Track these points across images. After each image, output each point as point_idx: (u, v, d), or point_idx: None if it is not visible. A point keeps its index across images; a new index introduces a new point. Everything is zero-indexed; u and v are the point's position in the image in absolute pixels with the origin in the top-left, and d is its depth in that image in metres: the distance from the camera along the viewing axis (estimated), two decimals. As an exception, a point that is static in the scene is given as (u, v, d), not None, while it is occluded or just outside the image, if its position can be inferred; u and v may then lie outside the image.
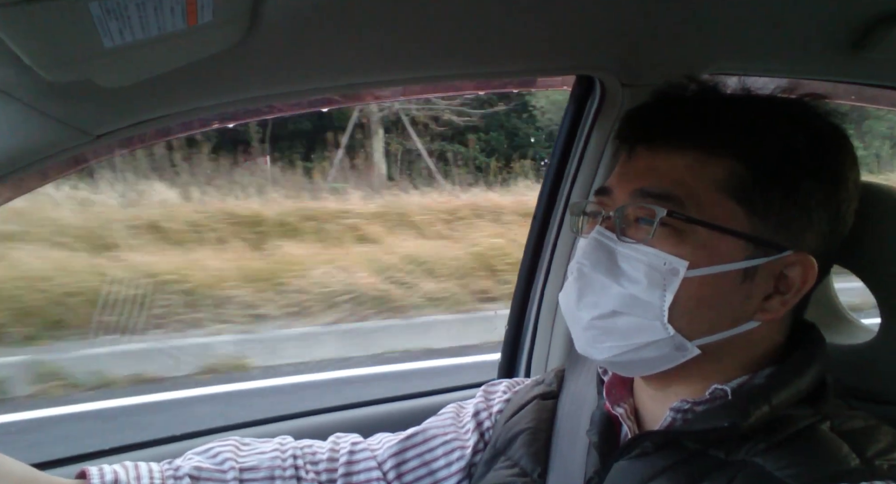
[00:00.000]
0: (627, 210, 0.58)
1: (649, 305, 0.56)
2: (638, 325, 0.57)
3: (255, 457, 0.75)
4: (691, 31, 0.90)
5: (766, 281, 0.57)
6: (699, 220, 0.55)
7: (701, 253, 0.55)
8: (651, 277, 0.56)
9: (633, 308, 0.57)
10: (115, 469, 0.71)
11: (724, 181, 0.56)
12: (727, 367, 0.60)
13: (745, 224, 0.56)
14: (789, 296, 0.58)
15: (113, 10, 0.45)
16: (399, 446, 0.79)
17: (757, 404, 0.55)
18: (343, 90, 0.85)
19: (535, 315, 1.23)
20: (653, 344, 0.57)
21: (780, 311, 0.58)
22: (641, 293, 0.56)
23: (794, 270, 0.57)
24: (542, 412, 0.76)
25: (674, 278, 0.55)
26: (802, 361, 0.59)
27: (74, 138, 0.70)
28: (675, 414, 0.60)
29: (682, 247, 0.55)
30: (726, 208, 0.56)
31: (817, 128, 0.59)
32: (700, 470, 0.55)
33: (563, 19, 0.81)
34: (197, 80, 0.70)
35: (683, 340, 0.57)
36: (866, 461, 0.50)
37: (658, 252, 0.56)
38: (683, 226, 0.56)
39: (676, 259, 0.55)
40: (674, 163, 0.58)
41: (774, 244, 0.56)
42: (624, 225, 0.59)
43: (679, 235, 0.56)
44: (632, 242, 0.57)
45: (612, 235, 0.59)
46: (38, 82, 0.53)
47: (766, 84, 1.11)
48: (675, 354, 0.58)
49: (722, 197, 0.56)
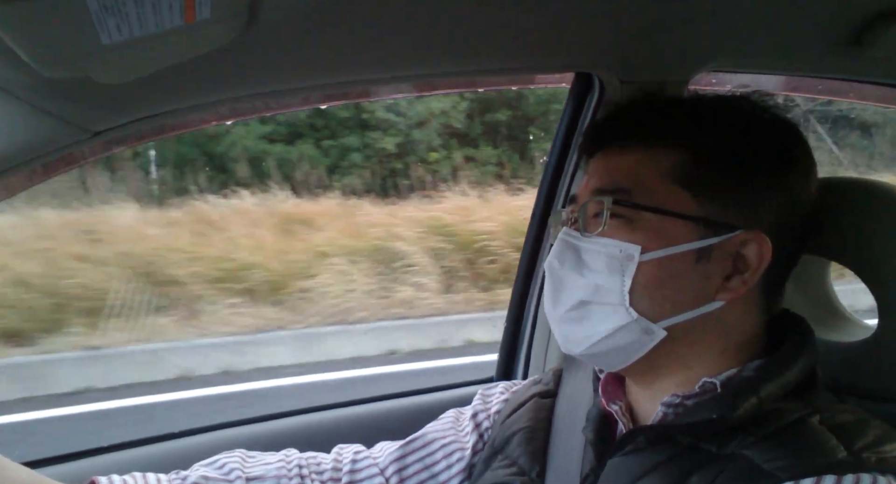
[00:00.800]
0: (587, 208, 0.63)
1: (611, 290, 0.60)
2: (604, 312, 0.60)
3: (261, 467, 0.76)
4: (690, 28, 0.90)
5: (724, 261, 0.60)
6: (645, 205, 0.59)
7: (653, 237, 0.59)
8: (610, 265, 0.60)
9: (598, 295, 0.60)
10: (125, 479, 0.72)
11: (669, 170, 0.60)
12: (708, 355, 0.61)
13: (693, 207, 0.59)
14: (748, 274, 0.60)
15: (111, 7, 0.45)
16: (400, 452, 0.80)
17: (745, 396, 0.56)
18: (341, 87, 0.85)
19: (532, 315, 1.23)
20: (621, 329, 0.60)
21: (741, 289, 0.60)
22: (603, 281, 0.60)
23: (750, 248, 0.59)
24: (539, 411, 0.77)
25: (630, 263, 0.59)
26: (791, 354, 0.60)
27: (72, 135, 0.70)
28: (666, 409, 0.61)
29: (635, 234, 0.59)
30: (674, 194, 0.60)
31: (760, 118, 0.63)
32: (691, 464, 0.56)
33: (561, 17, 0.81)
34: (195, 76, 0.70)
35: (648, 323, 0.59)
36: (854, 454, 0.51)
37: (613, 241, 0.60)
38: (633, 214, 0.60)
39: (630, 245, 0.59)
40: (623, 160, 0.63)
41: (725, 224, 0.59)
42: (585, 222, 0.63)
43: (631, 224, 0.60)
44: (592, 236, 0.62)
45: (576, 234, 0.63)
46: (36, 79, 0.53)
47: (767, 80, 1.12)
48: (643, 338, 0.60)
49: (669, 184, 0.60)
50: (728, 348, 0.61)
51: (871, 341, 0.71)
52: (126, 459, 0.97)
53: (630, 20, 0.85)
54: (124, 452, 1.00)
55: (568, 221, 0.66)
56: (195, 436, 1.05)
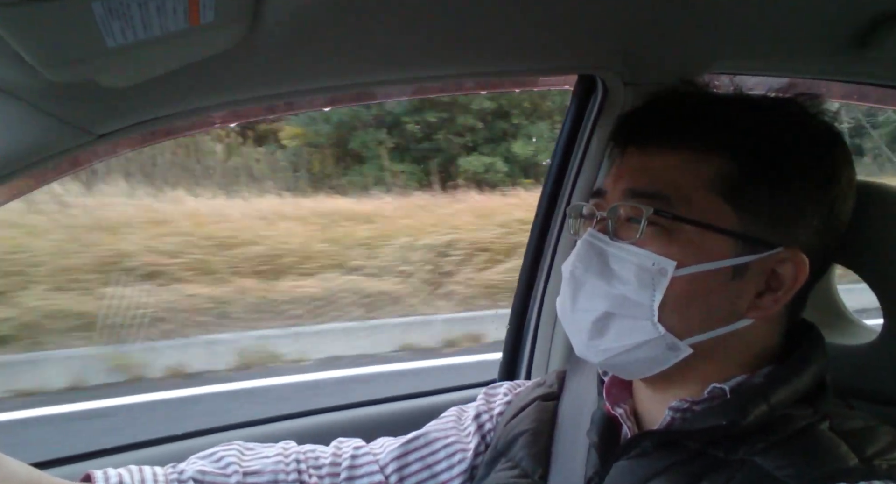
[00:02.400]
0: (619, 210, 0.59)
1: (639, 305, 0.57)
2: (630, 325, 0.57)
3: (258, 461, 0.75)
4: (694, 30, 0.90)
5: (758, 278, 0.57)
6: (686, 218, 0.56)
7: (689, 251, 0.56)
8: (640, 278, 0.56)
9: (625, 308, 0.57)
10: (120, 472, 0.71)
11: (713, 180, 0.57)
12: (724, 366, 0.60)
13: (733, 222, 0.56)
14: (781, 293, 0.58)
15: (115, 10, 0.45)
16: (401, 450, 0.79)
17: (755, 403, 0.55)
18: (344, 90, 0.85)
19: (536, 316, 1.23)
20: (645, 344, 0.57)
21: (773, 308, 0.58)
22: (631, 293, 0.57)
23: (786, 267, 0.57)
24: (543, 413, 0.76)
25: (662, 278, 0.56)
26: (801, 361, 0.59)
27: (77, 138, 0.70)
28: (674, 413, 0.60)
29: (671, 246, 0.56)
30: (715, 206, 0.56)
31: (808, 126, 0.59)
32: (699, 469, 0.55)
33: (565, 19, 0.81)
34: (199, 79, 0.70)
35: (675, 340, 0.57)
36: (865, 461, 0.50)
37: (647, 252, 0.56)
38: (671, 224, 0.56)
39: (664, 259, 0.56)
40: (664, 162, 0.58)
41: (764, 241, 0.56)
42: (616, 225, 0.59)
43: (667, 234, 0.56)
44: (622, 243, 0.58)
45: (604, 237, 0.60)
46: (41, 82, 0.53)
47: (768, 83, 1.12)
48: (668, 353, 0.58)
49: (711, 195, 0.57)
50: (745, 359, 0.60)
51: (876, 344, 0.71)
52: (126, 462, 0.96)
53: (633, 22, 0.85)
54: (124, 454, 0.99)
55: (593, 220, 0.62)
56: (195, 438, 1.05)
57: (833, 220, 0.59)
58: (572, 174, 1.12)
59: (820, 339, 0.62)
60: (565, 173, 1.13)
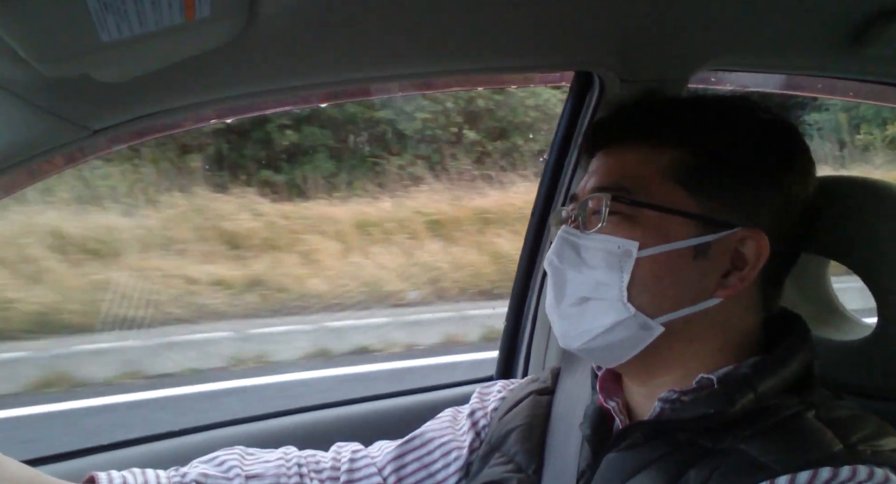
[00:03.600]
0: (587, 206, 0.64)
1: (609, 286, 0.60)
2: (603, 307, 0.61)
3: (260, 465, 0.76)
4: (690, 27, 0.90)
5: (721, 258, 0.60)
6: (644, 202, 0.60)
7: (651, 234, 0.60)
8: (608, 261, 0.61)
9: (597, 292, 0.61)
10: (124, 475, 0.72)
11: (669, 168, 0.61)
12: (705, 352, 0.62)
13: (691, 205, 0.60)
14: (746, 271, 0.61)
15: (110, 5, 0.45)
16: (397, 451, 0.80)
17: (742, 392, 0.56)
18: (340, 86, 0.85)
19: (532, 314, 1.23)
20: (619, 325, 0.60)
21: (739, 286, 0.60)
22: (602, 277, 0.61)
23: (748, 245, 0.60)
24: (537, 408, 0.77)
25: (628, 259, 0.60)
26: (788, 351, 0.60)
27: (72, 133, 0.70)
28: (663, 404, 0.61)
29: (633, 230, 0.60)
30: (673, 192, 0.61)
31: (759, 118, 0.64)
32: (688, 459, 0.56)
33: (561, 15, 0.81)
34: (195, 75, 0.70)
35: (646, 319, 0.60)
36: (849, 447, 0.51)
37: (611, 237, 0.61)
38: (632, 211, 0.61)
39: (627, 241, 0.60)
40: (624, 159, 0.64)
41: (723, 222, 0.60)
42: (584, 220, 0.64)
43: (629, 220, 0.61)
44: (590, 233, 0.63)
45: (575, 231, 0.65)
46: (35, 77, 0.53)
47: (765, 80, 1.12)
48: (641, 333, 0.60)
49: (668, 182, 0.61)
50: (725, 346, 0.62)
51: (870, 340, 0.71)
52: (125, 458, 0.97)
53: (630, 18, 0.85)
54: (124, 450, 1.00)
55: (568, 219, 0.67)
56: (194, 434, 1.05)
57: (791, 203, 0.63)
58: (568, 172, 1.12)
59: (806, 330, 0.64)
60: (561, 170, 1.13)
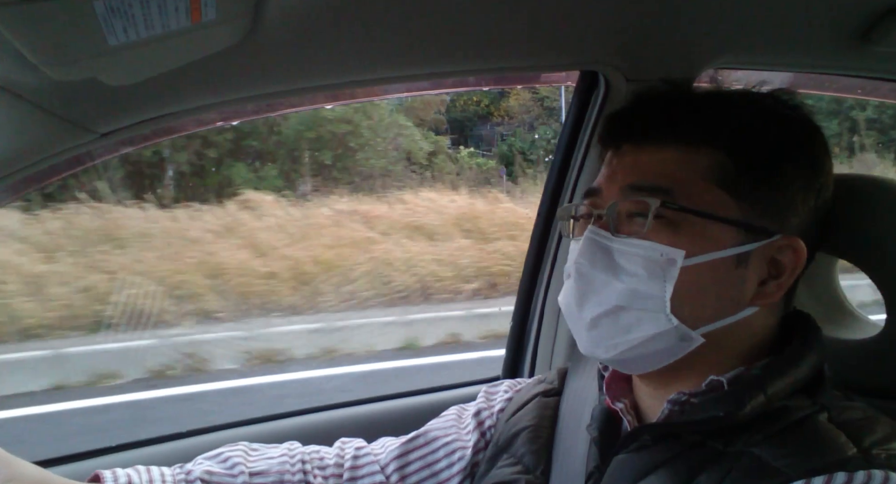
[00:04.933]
0: (619, 206, 0.60)
1: (651, 296, 0.57)
2: (642, 318, 0.58)
3: (264, 461, 0.76)
4: (696, 26, 0.90)
5: (760, 266, 0.59)
6: (692, 209, 0.57)
7: (695, 241, 0.57)
8: (650, 269, 0.57)
9: (636, 301, 0.57)
10: (129, 473, 0.72)
11: (710, 171, 0.58)
12: (726, 357, 0.60)
13: (734, 211, 0.58)
14: (783, 279, 0.59)
15: (117, 9, 0.45)
16: (401, 449, 0.80)
17: (752, 394, 0.55)
18: (346, 87, 0.85)
19: (539, 314, 1.23)
20: (658, 336, 0.57)
21: (777, 295, 0.59)
22: (642, 286, 0.57)
23: (785, 253, 0.59)
24: (544, 410, 0.76)
25: (672, 268, 0.56)
26: (798, 352, 0.59)
27: (80, 136, 0.70)
28: (672, 406, 0.60)
29: (677, 237, 0.57)
30: (715, 197, 0.58)
31: (790, 118, 0.62)
32: (699, 461, 0.55)
33: (567, 15, 0.81)
34: (201, 77, 0.71)
35: (687, 330, 0.57)
36: (863, 451, 0.50)
37: (654, 244, 0.57)
38: (676, 216, 0.57)
39: (672, 249, 0.56)
40: (661, 157, 0.60)
41: (763, 229, 0.58)
42: (617, 222, 0.60)
43: (672, 226, 0.57)
44: (626, 237, 0.59)
45: (606, 234, 0.60)
46: (44, 81, 0.53)
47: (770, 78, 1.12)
48: (679, 344, 0.58)
49: (710, 186, 0.58)
50: (745, 348, 0.61)
51: (879, 339, 0.71)
52: (132, 459, 0.97)
53: (636, 17, 0.85)
54: (131, 451, 1.00)
55: (590, 218, 0.63)
56: (200, 436, 1.05)
57: (819, 207, 0.61)
58: (574, 172, 1.12)
59: (816, 330, 0.63)
60: (568, 169, 1.13)
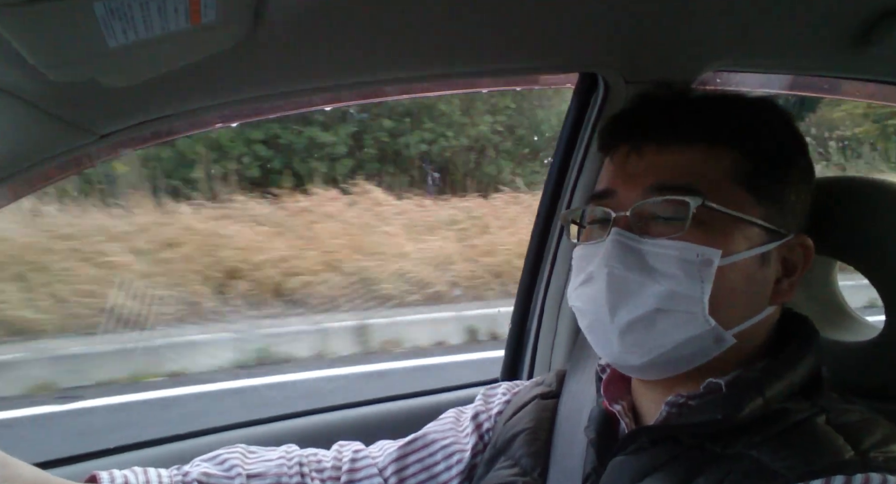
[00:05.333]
0: (644, 207, 0.59)
1: (690, 298, 0.56)
2: (680, 320, 0.57)
3: (262, 464, 0.75)
4: (695, 28, 0.90)
5: (776, 265, 0.60)
6: (724, 210, 0.57)
7: (728, 242, 0.57)
8: (686, 271, 0.56)
9: (675, 303, 0.56)
10: (126, 473, 0.72)
11: (734, 171, 0.59)
12: (728, 359, 0.60)
13: (757, 211, 0.59)
14: (795, 277, 0.61)
15: (117, 11, 0.45)
16: (399, 452, 0.80)
17: (750, 396, 0.55)
18: (346, 89, 0.85)
19: (538, 315, 1.22)
20: (695, 339, 0.57)
21: (790, 293, 0.61)
22: (680, 287, 0.56)
23: (796, 251, 0.61)
24: (542, 412, 0.76)
25: (709, 269, 0.55)
26: (795, 354, 0.59)
27: (80, 138, 0.70)
28: (670, 408, 0.60)
29: (710, 237, 0.56)
30: (740, 197, 0.58)
31: (791, 123, 0.64)
32: (697, 464, 0.55)
33: (566, 17, 0.81)
34: (201, 79, 0.71)
35: (722, 331, 0.57)
36: (861, 453, 0.50)
37: (688, 245, 0.56)
38: (708, 216, 0.56)
39: (709, 249, 0.56)
40: (687, 157, 0.59)
41: (780, 229, 0.60)
42: (641, 223, 0.59)
43: (704, 226, 0.56)
44: (657, 238, 0.57)
45: (632, 235, 0.58)
46: (43, 82, 0.53)
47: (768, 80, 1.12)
48: (712, 346, 0.58)
49: (735, 186, 0.58)
50: (743, 349, 0.60)
51: (877, 341, 0.71)
52: (130, 461, 0.97)
53: (634, 20, 0.85)
54: (128, 453, 1.00)
55: (608, 222, 0.61)
56: (197, 438, 1.05)
57: (812, 204, 0.64)
58: (573, 174, 1.12)
59: (813, 332, 0.63)
60: (566, 171, 1.13)
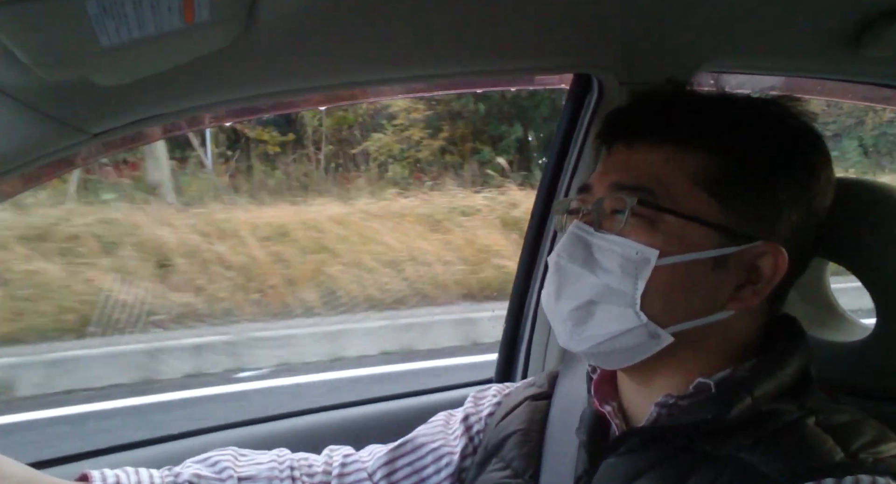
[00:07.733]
0: (604, 203, 0.60)
1: (622, 293, 0.57)
2: (612, 313, 0.58)
3: (253, 467, 0.75)
4: (689, 29, 0.90)
5: (738, 271, 0.58)
6: (669, 208, 0.57)
7: (672, 242, 0.57)
8: (624, 267, 0.57)
9: (608, 297, 0.58)
10: (117, 473, 0.71)
11: (697, 174, 0.58)
12: (708, 358, 0.60)
13: (716, 214, 0.57)
14: (761, 286, 0.59)
15: (110, 9, 0.45)
16: (388, 456, 0.80)
17: (739, 396, 0.55)
18: (340, 88, 0.85)
19: (532, 316, 1.23)
20: (628, 332, 0.58)
21: (753, 300, 0.59)
22: (615, 282, 0.58)
23: (766, 260, 0.58)
24: (533, 413, 0.76)
25: (645, 267, 0.57)
26: (784, 354, 0.59)
27: (72, 137, 0.70)
28: (660, 409, 0.60)
29: (654, 236, 0.57)
30: (698, 199, 0.58)
31: (789, 126, 0.61)
32: (687, 465, 0.55)
33: (561, 18, 0.81)
34: (194, 78, 0.70)
35: (657, 328, 0.57)
36: (851, 455, 0.51)
37: (630, 242, 0.57)
38: (655, 215, 0.57)
39: (647, 248, 0.57)
40: (650, 157, 0.60)
41: (744, 234, 0.58)
42: (601, 218, 0.60)
43: (650, 225, 0.57)
44: (606, 234, 0.59)
45: (589, 228, 0.61)
46: (35, 81, 0.53)
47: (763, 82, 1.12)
48: (650, 342, 0.58)
49: (694, 188, 0.58)
50: (727, 350, 0.61)
51: (868, 341, 0.71)
52: (122, 461, 0.96)
53: (629, 21, 0.86)
54: (120, 454, 0.99)
55: (579, 213, 0.63)
56: (189, 438, 1.05)
57: (811, 217, 0.61)
58: (568, 173, 1.12)
59: (802, 332, 0.63)
60: (561, 171, 1.14)
